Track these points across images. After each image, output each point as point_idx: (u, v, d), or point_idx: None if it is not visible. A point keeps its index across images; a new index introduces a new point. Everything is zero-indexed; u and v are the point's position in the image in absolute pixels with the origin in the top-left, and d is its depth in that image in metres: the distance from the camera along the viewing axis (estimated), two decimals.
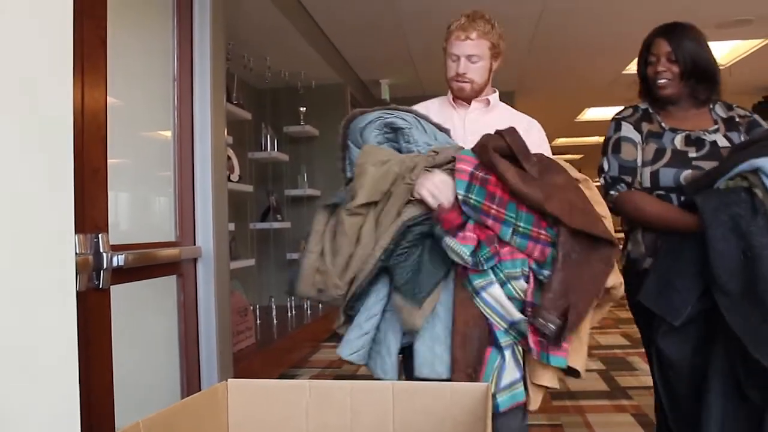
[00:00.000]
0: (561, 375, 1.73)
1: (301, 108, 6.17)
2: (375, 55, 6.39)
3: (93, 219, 1.88)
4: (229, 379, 1.30)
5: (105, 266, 1.85)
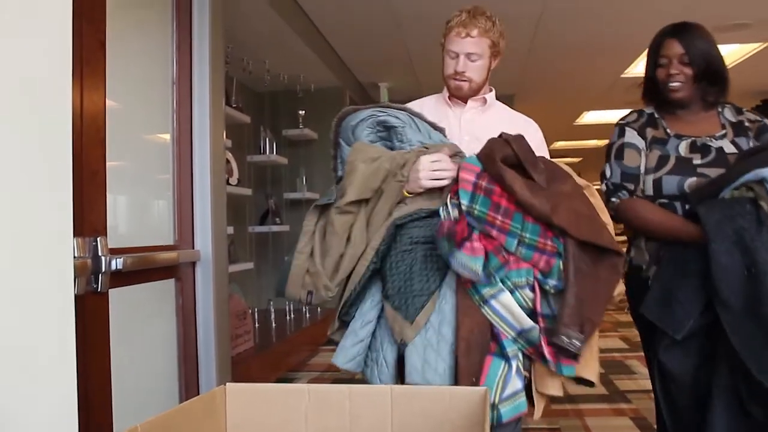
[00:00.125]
0: (564, 381, 1.68)
1: (300, 111, 6.17)
2: (374, 58, 6.39)
3: (91, 222, 1.87)
4: (228, 383, 1.30)
5: (103, 269, 1.84)
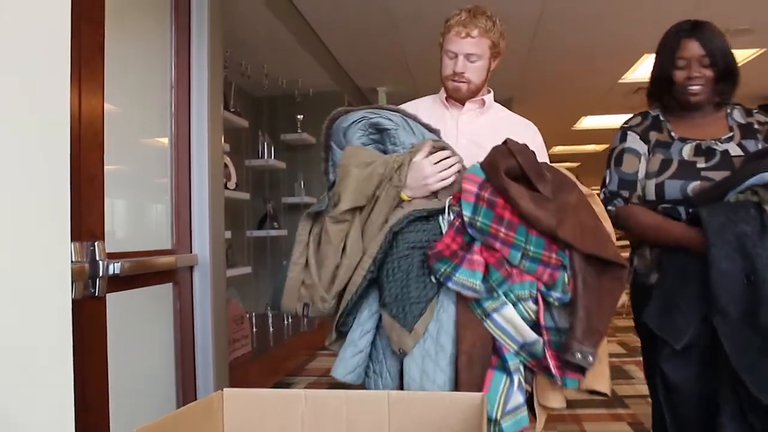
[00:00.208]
0: (575, 392, 1.64)
1: (299, 116, 6.17)
2: (372, 63, 6.40)
3: (89, 227, 1.87)
4: (225, 389, 1.30)
5: (101, 274, 1.84)
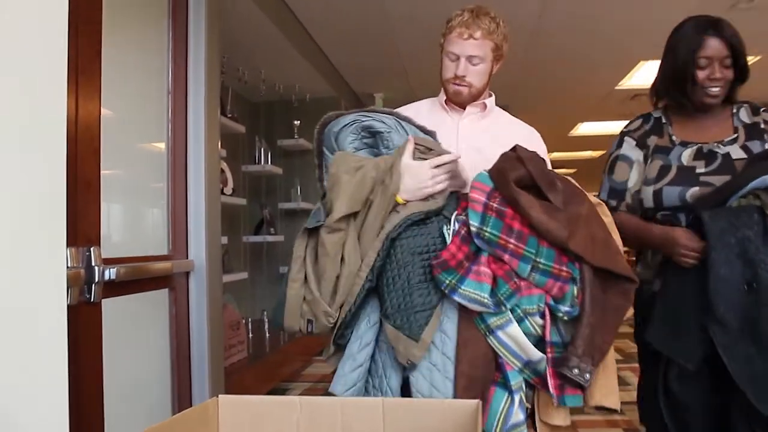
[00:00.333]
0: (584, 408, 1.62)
1: (295, 121, 6.18)
2: (369, 69, 6.41)
3: (85, 232, 1.87)
4: (220, 395, 1.30)
5: (96, 280, 1.84)
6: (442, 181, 1.67)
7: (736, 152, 1.85)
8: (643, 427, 2.05)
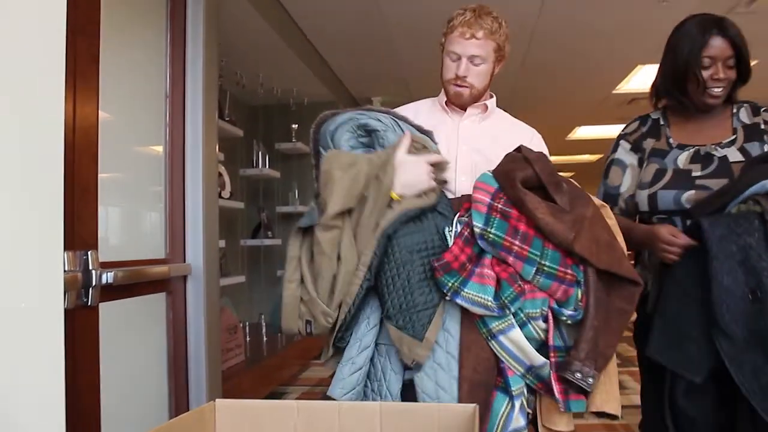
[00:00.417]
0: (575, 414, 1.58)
1: (293, 125, 6.17)
2: (367, 73, 6.42)
3: (82, 236, 1.87)
4: (217, 400, 1.29)
5: (94, 284, 1.84)
6: (426, 185, 1.62)
7: (734, 155, 1.81)
8: None
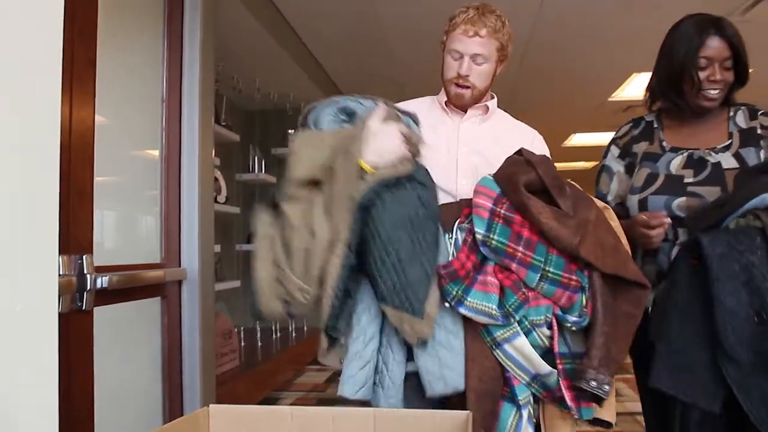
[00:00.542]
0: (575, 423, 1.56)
1: (290, 130, 6.18)
2: (363, 78, 6.43)
3: (78, 240, 1.86)
4: (211, 405, 1.29)
5: (88, 288, 1.83)
6: (400, 153, 1.54)
7: (728, 161, 1.76)
8: None
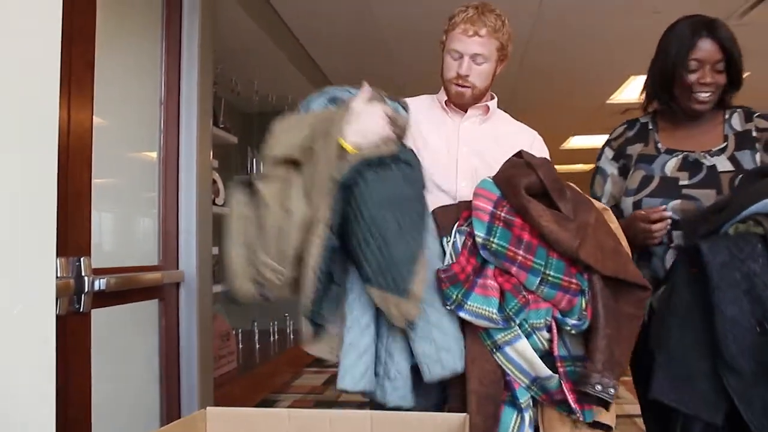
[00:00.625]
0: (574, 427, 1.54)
1: None
2: (363, 79, 6.39)
3: (76, 242, 1.86)
4: (208, 408, 1.29)
5: (86, 290, 1.83)
6: (383, 131, 1.54)
7: (723, 164, 1.74)
8: None
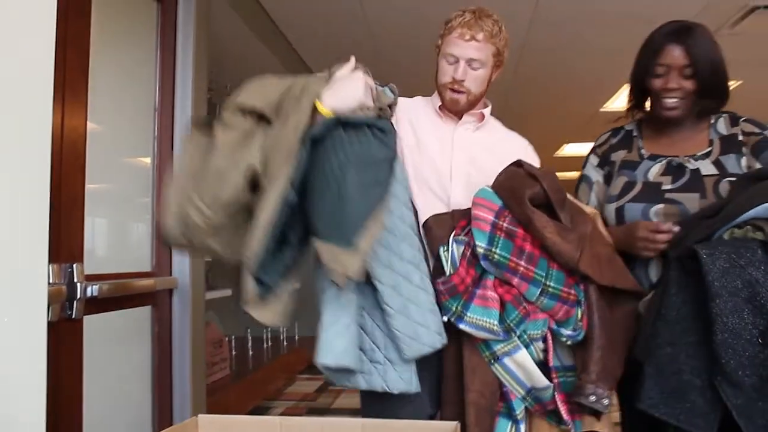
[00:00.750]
0: None
1: None
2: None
3: (68, 248, 1.85)
4: (200, 415, 1.29)
5: (78, 296, 1.82)
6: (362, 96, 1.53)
7: (707, 168, 1.70)
8: None
